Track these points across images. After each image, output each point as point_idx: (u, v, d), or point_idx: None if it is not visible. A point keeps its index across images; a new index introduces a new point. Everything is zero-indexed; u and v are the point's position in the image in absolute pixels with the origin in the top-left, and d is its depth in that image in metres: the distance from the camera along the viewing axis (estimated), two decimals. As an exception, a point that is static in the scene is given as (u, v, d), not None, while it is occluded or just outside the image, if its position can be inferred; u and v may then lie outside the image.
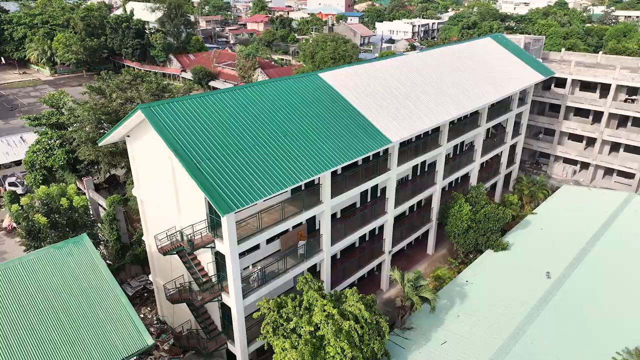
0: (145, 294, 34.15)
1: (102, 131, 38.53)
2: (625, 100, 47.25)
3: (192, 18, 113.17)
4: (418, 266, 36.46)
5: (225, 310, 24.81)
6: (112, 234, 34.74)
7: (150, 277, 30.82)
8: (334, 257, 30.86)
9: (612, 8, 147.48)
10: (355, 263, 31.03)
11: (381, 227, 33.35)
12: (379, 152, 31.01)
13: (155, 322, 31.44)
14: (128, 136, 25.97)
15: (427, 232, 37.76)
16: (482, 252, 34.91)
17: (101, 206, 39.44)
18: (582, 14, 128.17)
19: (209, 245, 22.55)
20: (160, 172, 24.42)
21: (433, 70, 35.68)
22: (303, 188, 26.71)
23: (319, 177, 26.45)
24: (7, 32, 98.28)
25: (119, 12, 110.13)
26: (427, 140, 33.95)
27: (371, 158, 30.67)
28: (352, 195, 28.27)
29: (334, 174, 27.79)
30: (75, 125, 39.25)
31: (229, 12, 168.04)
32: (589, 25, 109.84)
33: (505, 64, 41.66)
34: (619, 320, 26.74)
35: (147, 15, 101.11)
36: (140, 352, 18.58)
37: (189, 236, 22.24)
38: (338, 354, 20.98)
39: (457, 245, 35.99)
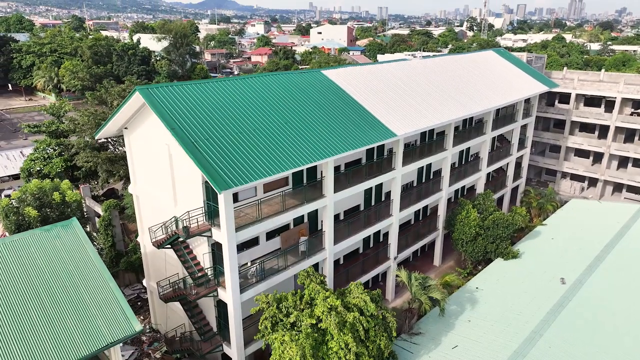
0: (139, 303, 32.55)
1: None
2: (632, 114, 46.78)
3: (197, 49, 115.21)
4: (425, 277, 34.83)
5: (221, 309, 23.31)
6: (107, 240, 33.49)
7: (144, 282, 29.37)
8: (337, 262, 29.51)
9: (609, 43, 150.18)
10: (359, 267, 29.62)
11: (386, 234, 32.12)
12: (383, 151, 30.28)
13: (148, 330, 29.76)
14: (126, 128, 25.34)
15: (433, 243, 36.41)
16: (492, 261, 33.39)
17: (98, 215, 38.33)
18: (580, 47, 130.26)
19: (205, 234, 21.38)
20: (158, 162, 23.59)
21: (436, 75, 35.39)
22: (305, 182, 25.82)
23: (321, 172, 25.60)
24: (16, 60, 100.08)
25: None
26: (432, 143, 33.31)
27: (375, 157, 29.89)
28: (355, 192, 27.23)
29: (337, 169, 26.93)
30: (75, 132, 38.84)
31: (233, 47, 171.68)
32: (587, 57, 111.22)
33: (508, 74, 41.44)
34: (636, 328, 24.98)
35: (154, 44, 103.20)
36: (127, 339, 17.12)
37: (184, 221, 21.11)
38: (342, 349, 19.37)
39: (465, 255, 34.47)
